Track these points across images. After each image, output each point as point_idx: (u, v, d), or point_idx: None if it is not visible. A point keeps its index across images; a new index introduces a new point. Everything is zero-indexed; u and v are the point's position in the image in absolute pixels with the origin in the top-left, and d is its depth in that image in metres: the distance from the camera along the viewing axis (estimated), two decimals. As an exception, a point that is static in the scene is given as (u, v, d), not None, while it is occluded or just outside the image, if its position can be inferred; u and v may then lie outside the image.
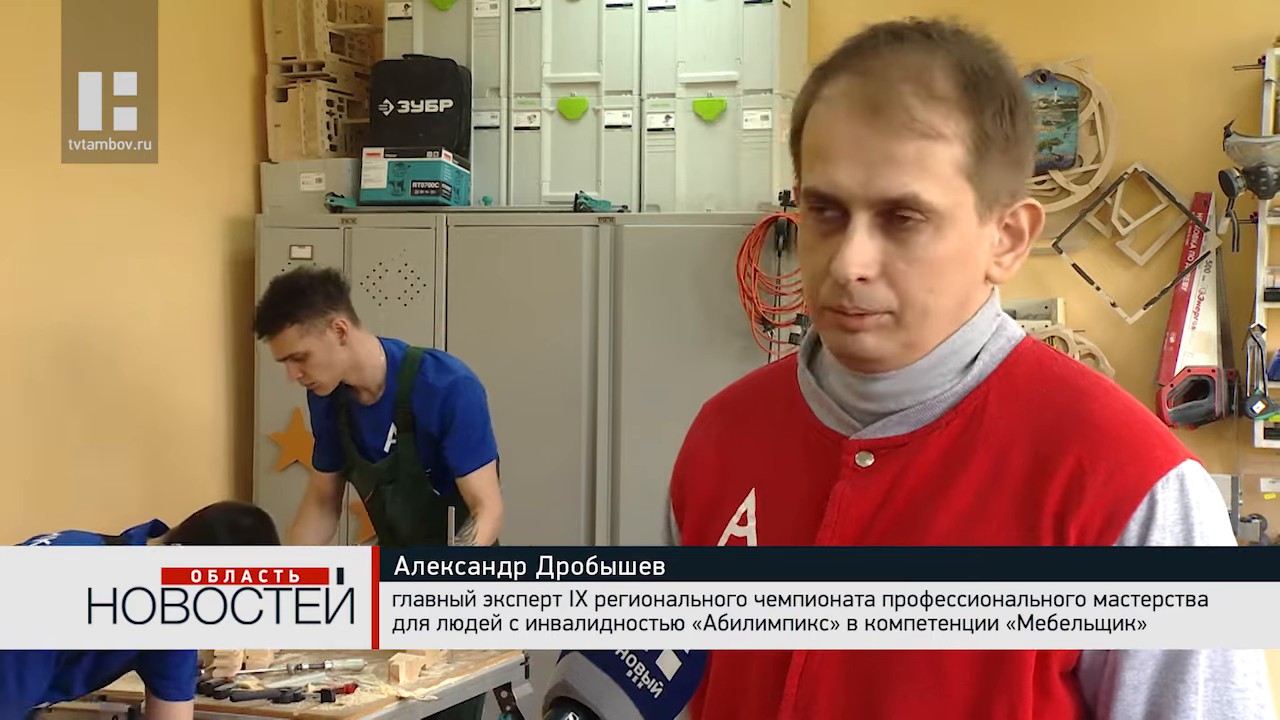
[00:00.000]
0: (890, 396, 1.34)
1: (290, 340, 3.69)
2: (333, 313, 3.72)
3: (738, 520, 1.41)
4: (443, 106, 4.88)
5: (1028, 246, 1.35)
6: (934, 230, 1.27)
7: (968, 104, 1.28)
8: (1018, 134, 1.30)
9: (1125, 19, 4.65)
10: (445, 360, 3.90)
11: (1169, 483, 1.27)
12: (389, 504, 3.93)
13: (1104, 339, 4.62)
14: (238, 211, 5.07)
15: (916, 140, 1.26)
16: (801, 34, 4.80)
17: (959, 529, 1.29)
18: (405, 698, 3.28)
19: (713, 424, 1.51)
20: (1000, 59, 1.32)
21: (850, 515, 1.33)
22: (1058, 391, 1.33)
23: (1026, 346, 1.38)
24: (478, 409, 3.84)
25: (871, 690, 1.29)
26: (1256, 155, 4.26)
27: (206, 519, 2.98)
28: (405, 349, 3.90)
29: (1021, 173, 1.33)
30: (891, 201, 1.26)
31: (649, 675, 1.20)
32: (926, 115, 1.26)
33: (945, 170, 1.26)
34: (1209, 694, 1.26)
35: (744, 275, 4.42)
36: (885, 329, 1.29)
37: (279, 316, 3.69)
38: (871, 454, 1.34)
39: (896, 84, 1.27)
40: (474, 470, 3.80)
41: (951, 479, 1.31)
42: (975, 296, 1.34)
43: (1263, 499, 4.45)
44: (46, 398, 4.32)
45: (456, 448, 3.80)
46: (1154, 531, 1.26)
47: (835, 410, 1.37)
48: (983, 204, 1.30)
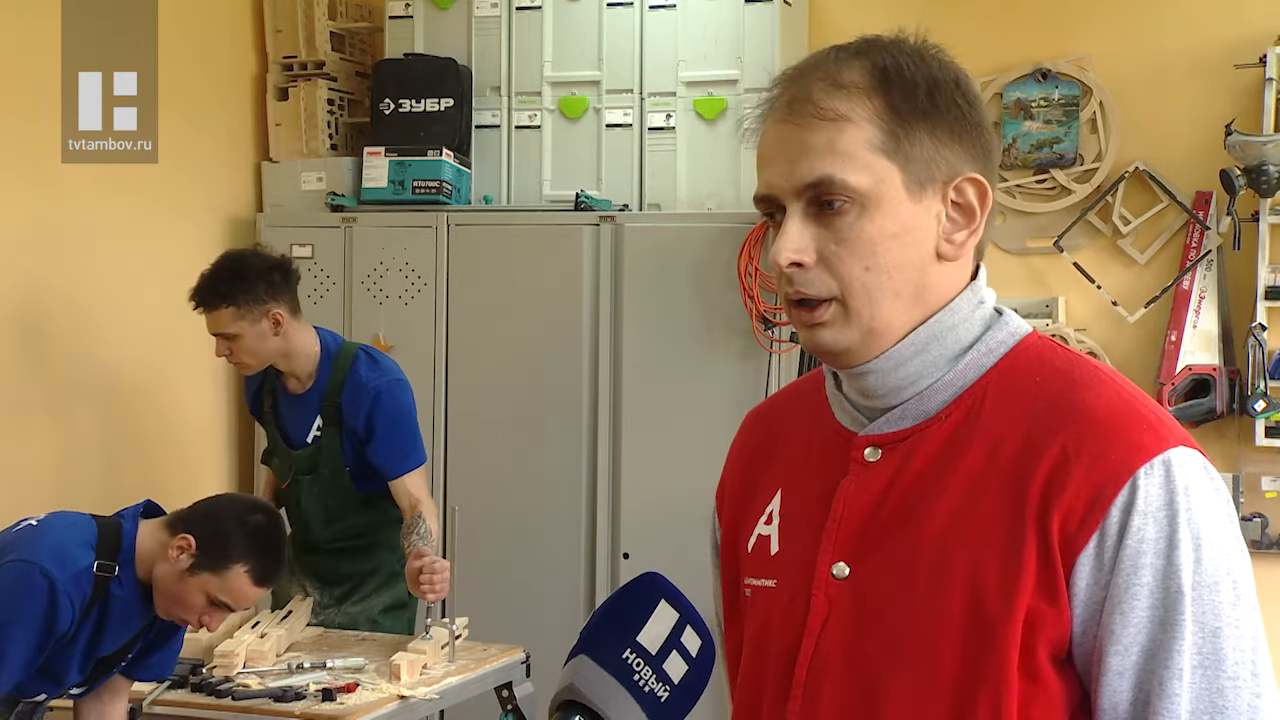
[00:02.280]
0: (883, 389, 1.37)
1: (224, 320, 3.68)
2: (271, 303, 3.71)
3: (764, 520, 1.45)
4: (443, 105, 4.88)
5: (981, 222, 1.37)
6: (860, 210, 1.32)
7: (876, 87, 1.33)
8: (940, 109, 1.33)
9: (1126, 17, 4.65)
10: (379, 359, 3.88)
11: (1153, 468, 1.27)
12: (304, 495, 3.91)
13: (1105, 338, 4.62)
14: (238, 211, 5.07)
15: (826, 126, 1.32)
16: (802, 33, 4.80)
17: (952, 519, 1.31)
18: (407, 696, 3.28)
19: (751, 432, 1.56)
20: (927, 53, 1.36)
21: (854, 509, 1.36)
22: (1052, 382, 1.34)
23: (1031, 341, 1.39)
24: (407, 413, 3.82)
25: (870, 679, 1.31)
26: (1257, 154, 4.26)
27: (216, 513, 2.94)
28: (340, 342, 3.90)
29: (960, 148, 1.35)
30: (811, 187, 1.32)
31: (655, 679, 1.20)
32: (831, 102, 1.33)
33: (860, 150, 1.32)
34: (1197, 681, 1.26)
35: (745, 274, 4.42)
36: (838, 319, 1.33)
37: (217, 296, 3.68)
38: (879, 449, 1.37)
39: (809, 84, 1.34)
40: (407, 473, 3.78)
41: (948, 470, 1.33)
42: (936, 279, 1.36)
43: (1264, 497, 4.45)
44: (46, 397, 4.32)
45: (386, 452, 3.78)
46: (1135, 517, 1.26)
47: (849, 410, 1.41)
48: (912, 181, 1.33)
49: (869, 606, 1.33)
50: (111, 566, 2.82)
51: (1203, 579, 1.26)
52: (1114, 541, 1.26)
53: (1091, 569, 1.27)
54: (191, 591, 2.86)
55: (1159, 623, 1.26)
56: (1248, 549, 1.32)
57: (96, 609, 2.82)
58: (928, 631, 1.29)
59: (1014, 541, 1.28)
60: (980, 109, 1.38)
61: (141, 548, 2.87)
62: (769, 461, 1.49)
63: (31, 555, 2.74)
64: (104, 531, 2.86)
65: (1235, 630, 1.27)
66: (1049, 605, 1.27)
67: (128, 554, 2.85)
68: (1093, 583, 1.27)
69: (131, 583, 2.86)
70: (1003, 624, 1.27)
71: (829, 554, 1.36)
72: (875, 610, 1.32)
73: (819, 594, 1.35)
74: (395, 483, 3.78)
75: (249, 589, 2.91)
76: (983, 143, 1.37)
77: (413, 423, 3.83)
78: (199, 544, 2.85)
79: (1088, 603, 1.27)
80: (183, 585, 2.86)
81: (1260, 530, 4.38)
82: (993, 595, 1.27)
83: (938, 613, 1.29)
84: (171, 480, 4.72)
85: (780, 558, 1.41)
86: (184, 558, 2.84)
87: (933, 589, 1.30)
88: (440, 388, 4.75)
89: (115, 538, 2.86)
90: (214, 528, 2.89)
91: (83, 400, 4.47)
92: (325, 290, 4.85)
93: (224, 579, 2.87)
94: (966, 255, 1.37)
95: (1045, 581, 1.27)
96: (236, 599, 2.91)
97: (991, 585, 1.27)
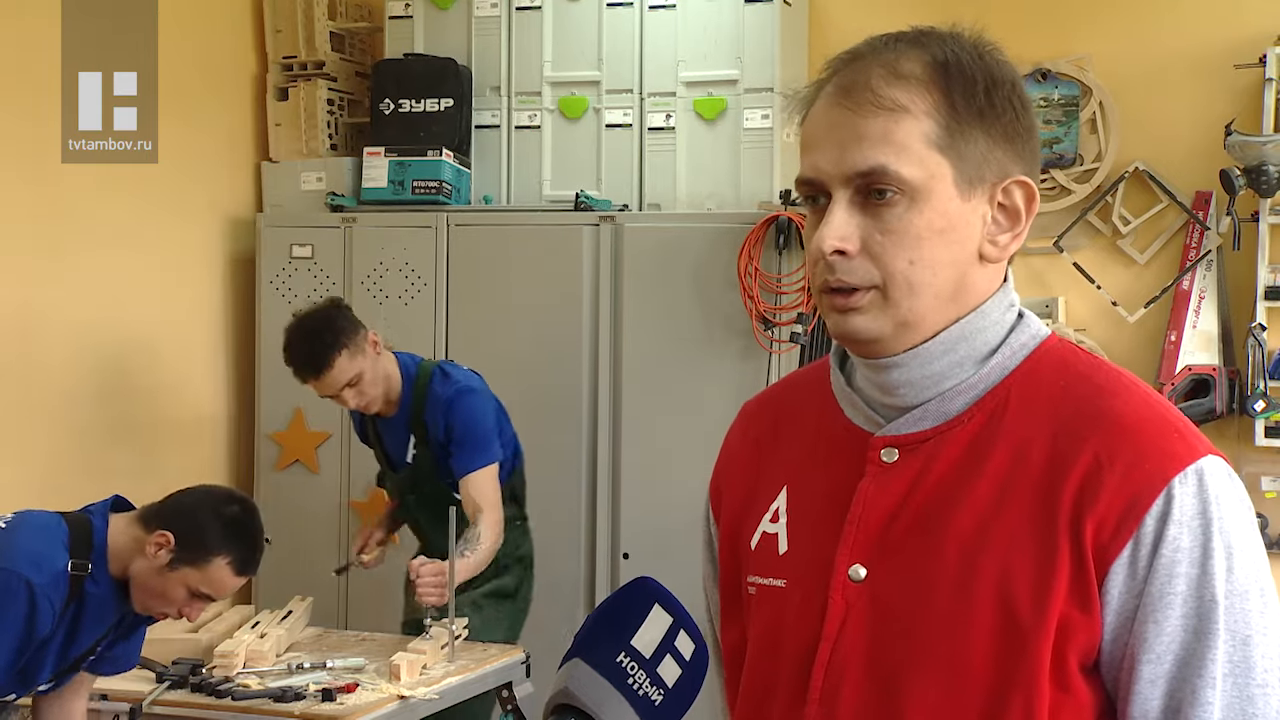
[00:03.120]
0: (906, 386, 1.35)
1: (343, 368, 3.74)
2: (362, 328, 3.82)
3: (770, 518, 1.42)
4: (443, 105, 4.88)
5: (1025, 226, 1.36)
6: (909, 202, 1.30)
7: (936, 81, 1.31)
8: (997, 110, 1.32)
9: (1126, 18, 4.65)
10: (451, 371, 3.97)
11: (1187, 478, 1.27)
12: (415, 511, 4.05)
13: (1105, 338, 4.61)
14: (238, 211, 5.07)
15: (883, 115, 1.30)
16: (802, 33, 4.79)
17: (978, 525, 1.30)
18: (406, 696, 3.28)
19: (750, 424, 1.53)
20: (985, 51, 1.35)
21: (874, 511, 1.34)
22: (1077, 386, 1.34)
23: (1052, 344, 1.38)
24: (478, 417, 3.88)
25: (892, 684, 1.30)
26: (1257, 154, 4.26)
27: (192, 507, 2.92)
28: (419, 362, 3.98)
29: (1012, 149, 1.34)
30: (863, 175, 1.30)
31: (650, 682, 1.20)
32: (890, 92, 1.30)
33: (915, 143, 1.30)
34: (1228, 689, 1.26)
35: (745, 274, 4.41)
36: (875, 307, 1.31)
37: (326, 349, 3.73)
38: (896, 450, 1.35)
39: (867, 71, 1.32)
40: (469, 473, 3.83)
41: (972, 475, 1.31)
42: (975, 280, 1.34)
43: (1264, 497, 4.45)
44: (46, 397, 4.32)
45: (456, 456, 3.86)
46: (1170, 527, 1.26)
47: (863, 408, 1.39)
48: (963, 179, 1.31)
49: (888, 610, 1.31)
50: (85, 565, 2.80)
51: (1234, 587, 1.26)
52: (1149, 550, 1.25)
53: (1125, 577, 1.26)
54: (173, 586, 2.85)
55: (1193, 631, 1.25)
56: (1251, 550, 1.32)
57: (72, 608, 2.80)
58: (954, 638, 1.28)
59: (1046, 549, 1.27)
60: (1031, 113, 1.36)
61: (114, 543, 2.85)
62: (772, 456, 1.47)
63: (8, 561, 2.72)
64: (75, 530, 2.84)
65: (1264, 638, 1.27)
66: (1081, 613, 1.26)
67: (99, 551, 2.83)
68: (1126, 591, 1.26)
69: (105, 580, 2.84)
70: (1035, 632, 1.26)
71: (846, 556, 1.34)
72: (895, 615, 1.31)
73: (836, 596, 1.33)
74: (461, 483, 3.84)
75: (230, 579, 2.90)
76: (1031, 147, 1.35)
77: (482, 427, 3.88)
78: (177, 539, 2.83)
79: (1120, 611, 1.27)
80: (163, 580, 2.84)
81: (1260, 530, 4.38)
82: (1025, 603, 1.26)
83: (965, 620, 1.28)
84: (171, 480, 4.70)
85: (790, 557, 1.39)
86: (163, 554, 2.83)
87: (959, 596, 1.28)
88: (440, 388, 4.75)
89: (87, 535, 2.84)
90: (190, 521, 2.87)
91: (82, 400, 4.47)
92: (325, 290, 4.84)
93: (205, 572, 2.86)
94: (1006, 258, 1.36)
95: (1078, 589, 1.26)
96: (217, 590, 2.91)
97: (1024, 593, 1.26)
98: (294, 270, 4.89)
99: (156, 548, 2.83)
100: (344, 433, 4.77)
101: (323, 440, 4.80)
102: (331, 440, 4.80)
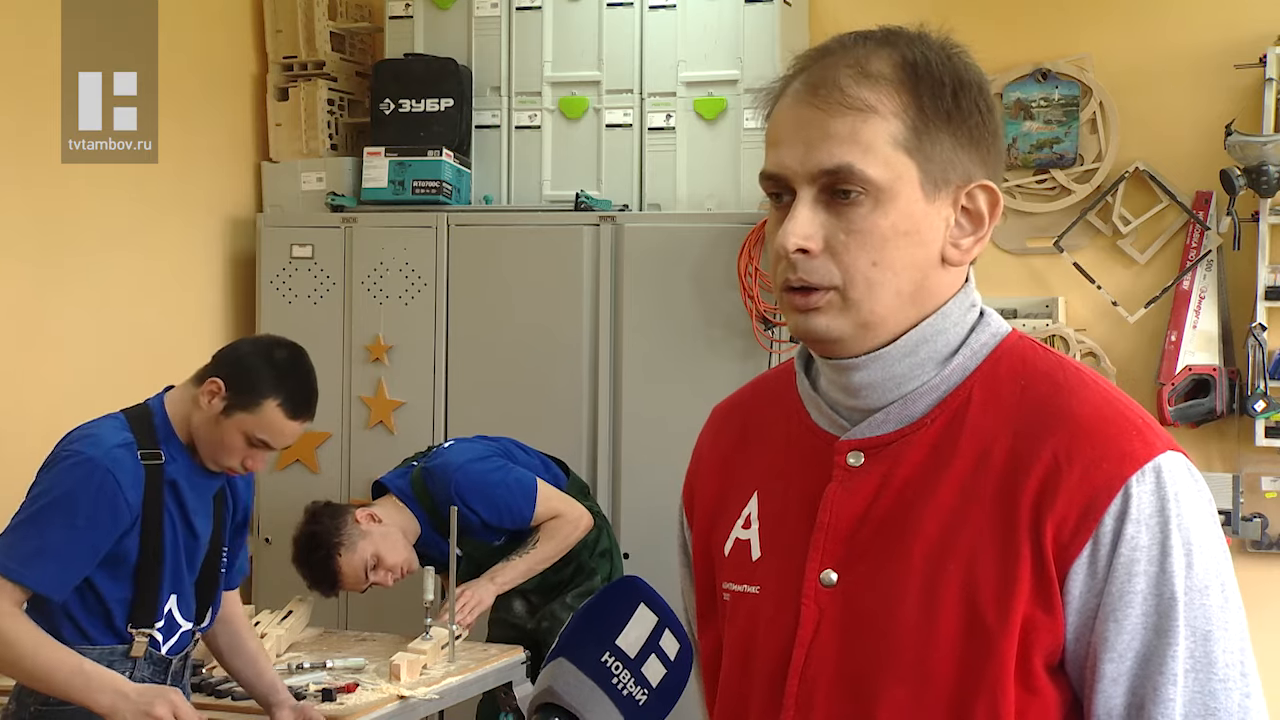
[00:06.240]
0: (869, 389, 1.35)
1: (353, 564, 3.72)
2: (350, 512, 3.78)
3: (742, 524, 1.43)
4: (443, 105, 4.88)
5: (988, 230, 1.36)
6: (874, 203, 1.30)
7: (905, 81, 1.31)
8: (963, 112, 1.32)
9: (1126, 17, 4.64)
10: (432, 466, 3.91)
11: (1145, 475, 1.27)
12: None
13: (1105, 338, 4.61)
14: (238, 211, 5.07)
15: (850, 115, 1.30)
16: (802, 32, 4.79)
17: (943, 528, 1.30)
18: (406, 696, 3.29)
19: (720, 428, 1.53)
20: (953, 52, 1.35)
21: (842, 516, 1.34)
22: (1037, 385, 1.34)
23: (1011, 342, 1.38)
24: (485, 478, 3.87)
25: (863, 688, 1.30)
26: (1257, 154, 4.25)
27: (240, 354, 3.00)
28: (410, 478, 3.92)
29: (976, 153, 1.34)
30: (828, 173, 1.30)
31: (634, 682, 1.20)
32: (859, 91, 1.30)
33: (881, 144, 1.30)
34: (1190, 685, 1.26)
35: (745, 274, 4.41)
36: (834, 307, 1.31)
37: (324, 561, 3.71)
38: (862, 454, 1.35)
39: (835, 69, 1.32)
40: (529, 520, 3.88)
41: (936, 477, 1.32)
42: (936, 282, 1.34)
43: (1264, 497, 4.44)
44: (46, 398, 4.32)
45: (502, 516, 3.86)
46: (1128, 525, 1.26)
47: (827, 412, 1.38)
48: (928, 181, 1.31)
49: (858, 616, 1.32)
50: (157, 453, 2.87)
51: (1194, 584, 1.27)
52: (1108, 549, 1.26)
53: (1085, 576, 1.27)
54: (230, 433, 2.90)
55: (1153, 629, 1.26)
56: (1248, 549, 1.33)
57: (169, 497, 2.87)
58: (922, 644, 1.29)
59: (1008, 550, 1.27)
60: (997, 116, 1.37)
61: (174, 411, 2.94)
62: (742, 461, 1.47)
63: (88, 450, 2.81)
64: (135, 421, 2.91)
65: (1225, 633, 1.28)
66: (1044, 613, 1.27)
67: (164, 430, 2.91)
68: (1087, 590, 1.27)
69: (181, 454, 2.92)
70: (1000, 634, 1.26)
71: (817, 561, 1.34)
72: (865, 620, 1.31)
73: (809, 602, 1.33)
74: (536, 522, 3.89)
75: (285, 423, 2.94)
76: (996, 150, 1.36)
77: (496, 478, 3.88)
78: (228, 385, 2.90)
79: (1082, 610, 1.27)
80: (219, 428, 2.90)
81: (1260, 530, 4.37)
82: (989, 606, 1.27)
83: (931, 625, 1.28)
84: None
85: (763, 564, 1.40)
86: (216, 401, 2.89)
87: (925, 601, 1.29)
88: (440, 388, 4.75)
89: (148, 422, 2.91)
90: (239, 367, 2.94)
91: (82, 400, 4.46)
92: (325, 291, 4.85)
93: (259, 416, 2.91)
94: (968, 261, 1.37)
95: (1040, 589, 1.27)
96: (275, 435, 2.94)
97: (988, 596, 1.27)
98: (294, 270, 4.90)
99: (210, 396, 2.90)
100: (344, 433, 4.77)
101: (322, 440, 4.80)
102: (331, 440, 4.81)
